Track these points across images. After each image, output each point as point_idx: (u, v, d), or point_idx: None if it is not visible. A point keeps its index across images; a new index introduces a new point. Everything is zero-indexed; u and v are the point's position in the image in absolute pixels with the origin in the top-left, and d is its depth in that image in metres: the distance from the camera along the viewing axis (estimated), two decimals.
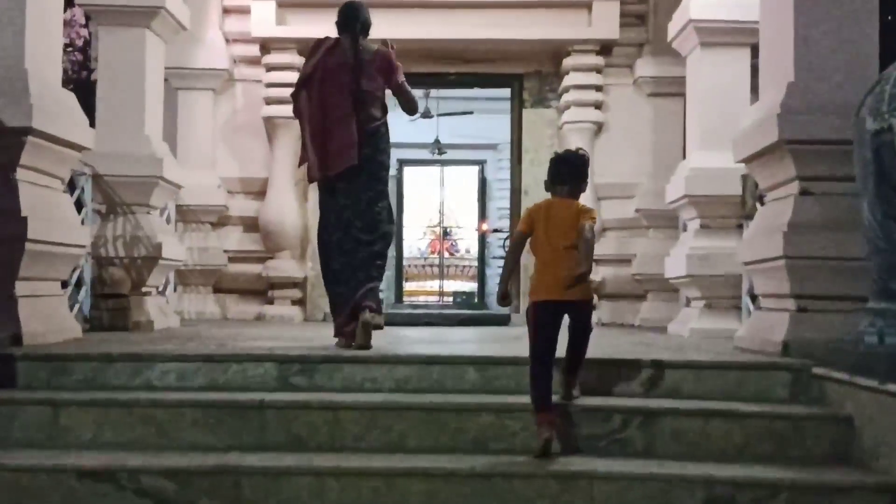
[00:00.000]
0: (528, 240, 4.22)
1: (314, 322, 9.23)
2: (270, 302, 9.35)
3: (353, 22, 5.46)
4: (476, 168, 17.14)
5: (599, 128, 9.39)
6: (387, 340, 6.16)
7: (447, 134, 15.30)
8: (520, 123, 9.77)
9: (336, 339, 5.43)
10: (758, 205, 6.81)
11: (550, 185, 4.33)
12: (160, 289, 7.93)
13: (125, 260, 7.16)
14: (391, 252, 16.50)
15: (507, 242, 14.86)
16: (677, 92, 9.26)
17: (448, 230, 18.89)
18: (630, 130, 9.43)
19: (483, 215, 16.62)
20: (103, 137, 7.12)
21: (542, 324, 4.09)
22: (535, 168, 9.62)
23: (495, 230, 15.36)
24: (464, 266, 18.61)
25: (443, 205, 18.42)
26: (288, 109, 6.89)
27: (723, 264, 7.13)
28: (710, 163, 7.24)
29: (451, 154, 16.57)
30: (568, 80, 9.32)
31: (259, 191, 9.43)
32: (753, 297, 6.89)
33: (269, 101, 9.28)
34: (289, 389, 4.52)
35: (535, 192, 9.44)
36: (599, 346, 5.77)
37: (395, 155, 16.58)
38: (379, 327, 5.21)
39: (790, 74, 4.99)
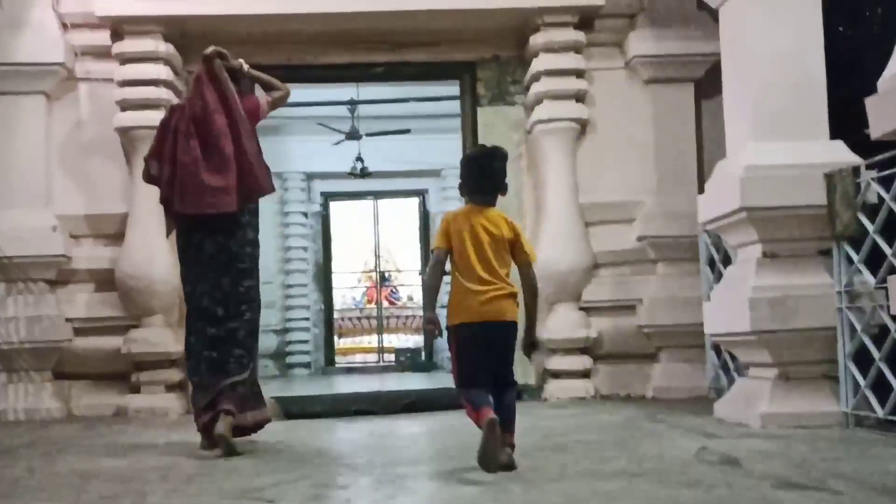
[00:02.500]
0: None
1: None
2: (136, 389, 6.60)
3: None
4: (416, 200, 14.54)
5: (583, 128, 6.91)
6: (286, 460, 3.67)
7: (380, 160, 12.72)
8: (474, 128, 7.23)
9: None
10: (860, 216, 4.40)
11: (466, 191, 3.71)
12: None
13: None
14: (318, 306, 13.92)
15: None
16: (686, 76, 6.98)
17: (386, 275, 16.19)
18: (624, 130, 6.98)
19: (427, 255, 13.98)
20: None
21: (467, 348, 3.58)
22: None
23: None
24: (407, 316, 15.89)
25: (378, 245, 15.73)
26: (154, 117, 6.05)
27: (807, 313, 4.65)
28: (776, 158, 4.76)
29: (385, 184, 13.95)
30: (537, 65, 6.84)
31: (115, 232, 6.73)
32: (860, 363, 4.46)
33: (126, 106, 6.63)
34: None
35: None
36: (635, 460, 3.22)
37: (319, 187, 14.03)
38: (233, 451, 4.21)
39: None
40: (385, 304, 16.11)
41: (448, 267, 3.69)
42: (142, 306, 6.58)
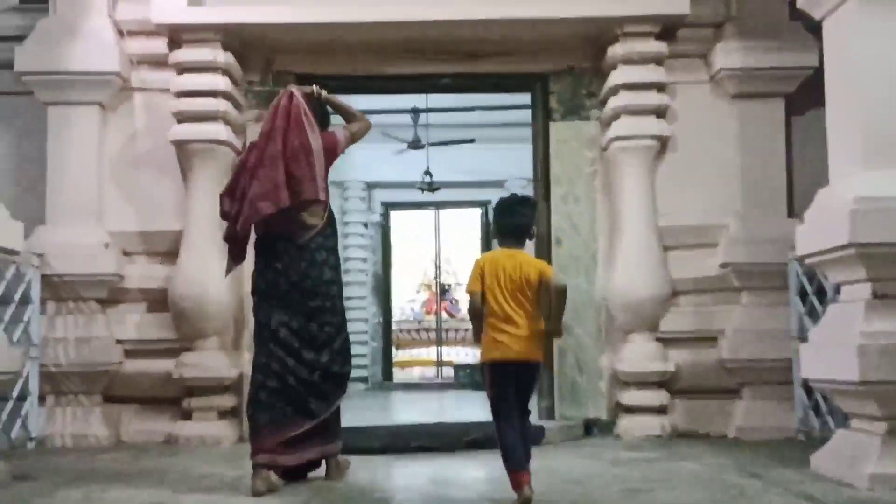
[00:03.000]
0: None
1: None
2: (188, 415, 6.30)
3: None
4: (478, 210, 14.15)
5: (663, 145, 6.45)
6: None
7: (442, 169, 12.36)
8: (546, 143, 6.80)
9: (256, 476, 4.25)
10: None
11: (498, 235, 4.08)
12: None
13: None
14: (377, 319, 13.60)
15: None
16: (776, 91, 6.50)
17: (446, 287, 15.80)
18: (708, 148, 6.50)
19: None
20: None
21: (498, 384, 3.95)
22: (569, 206, 6.66)
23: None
24: (466, 329, 15.48)
25: (439, 256, 15.36)
26: (211, 130, 6.22)
27: None
28: (890, 189, 4.26)
29: (447, 194, 13.58)
30: (616, 78, 6.39)
31: (169, 251, 6.43)
32: None
33: (182, 118, 6.33)
34: None
35: (572, 241, 6.54)
36: None
37: (379, 197, 13.73)
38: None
39: None
40: (444, 315, 15.75)
41: None
42: (195, 328, 6.28)
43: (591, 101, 6.73)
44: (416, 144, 11.48)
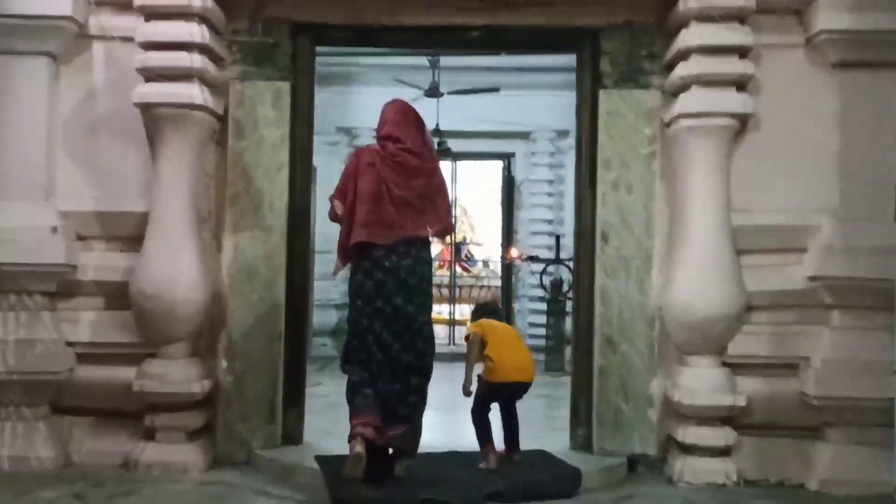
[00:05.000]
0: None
1: (230, 471, 5.15)
2: (150, 435, 5.23)
3: None
4: (500, 164, 12.86)
5: (743, 125, 5.21)
6: None
7: (460, 118, 11.07)
8: (593, 116, 5.55)
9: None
10: None
11: (486, 316, 5.32)
12: None
13: None
14: None
15: (544, 278, 10.79)
16: (889, 59, 5.25)
17: (464, 240, 14.61)
18: (799, 130, 5.27)
19: (510, 230, 12.27)
20: None
21: (489, 398, 5.12)
22: (620, 195, 5.48)
23: (531, 258, 11.08)
24: (482, 286, 14.32)
25: (454, 206, 14.12)
26: (184, 92, 5.09)
27: None
28: None
29: (465, 144, 12.28)
30: (686, 38, 5.11)
31: (131, 236, 5.27)
32: None
33: (150, 76, 5.10)
34: None
35: (621, 238, 5.43)
36: None
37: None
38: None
39: None
40: (458, 271, 14.60)
41: None
42: (160, 331, 5.15)
43: (653, 64, 5.46)
44: (434, 92, 10.20)
